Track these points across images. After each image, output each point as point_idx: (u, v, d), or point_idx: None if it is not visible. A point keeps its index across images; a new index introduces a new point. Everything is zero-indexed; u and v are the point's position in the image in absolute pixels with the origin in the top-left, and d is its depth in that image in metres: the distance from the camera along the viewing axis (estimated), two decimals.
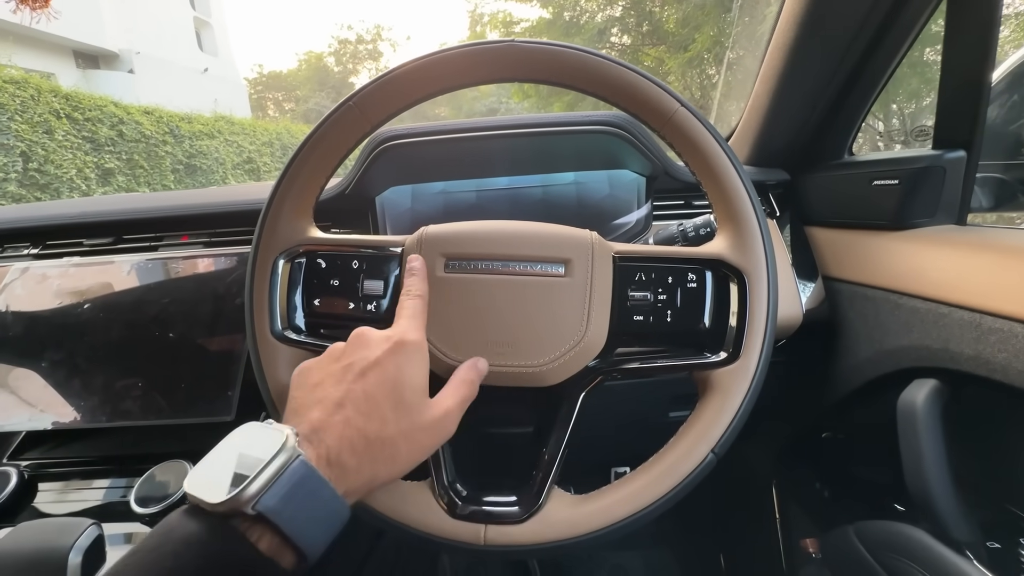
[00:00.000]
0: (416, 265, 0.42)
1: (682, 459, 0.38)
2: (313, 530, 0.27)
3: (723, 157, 0.42)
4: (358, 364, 0.33)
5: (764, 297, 0.40)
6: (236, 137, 9.57)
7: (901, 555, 0.51)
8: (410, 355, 0.34)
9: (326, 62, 30.12)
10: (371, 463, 0.31)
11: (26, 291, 0.68)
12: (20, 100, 5.62)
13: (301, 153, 0.44)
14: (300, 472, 0.27)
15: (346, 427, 0.30)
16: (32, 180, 5.73)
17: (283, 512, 0.26)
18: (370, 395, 0.31)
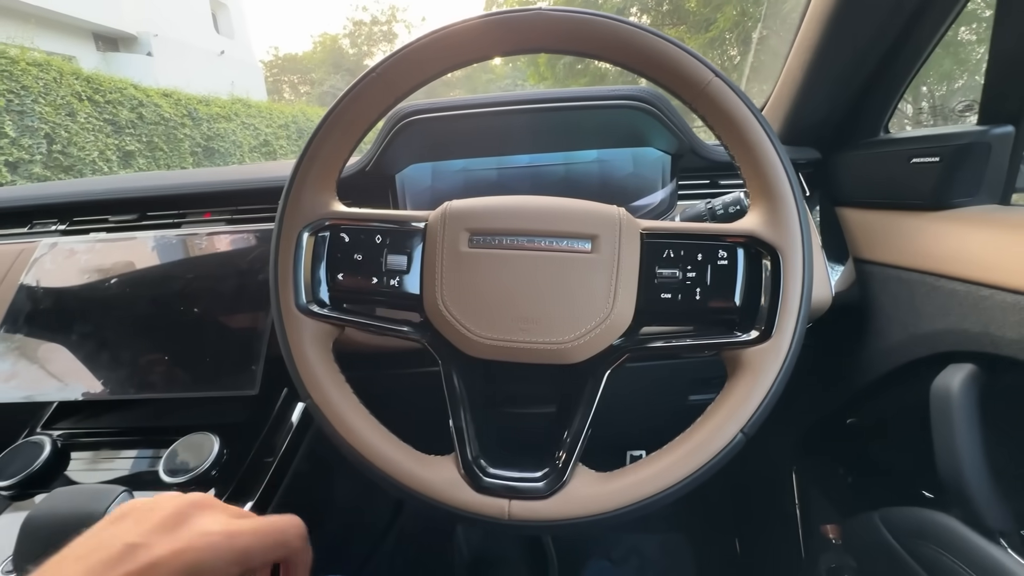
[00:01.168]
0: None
1: (710, 438, 0.38)
2: None
3: (759, 130, 0.40)
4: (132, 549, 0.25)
5: (799, 275, 0.39)
6: (253, 120, 9.62)
7: (931, 542, 0.50)
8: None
9: (341, 44, 29.96)
10: None
11: (55, 266, 0.69)
12: (43, 83, 5.71)
13: (324, 126, 0.43)
14: None
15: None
16: (56, 162, 5.84)
17: None
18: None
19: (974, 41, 3.20)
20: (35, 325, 0.65)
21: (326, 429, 0.41)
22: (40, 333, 0.65)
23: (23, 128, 5.48)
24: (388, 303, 0.45)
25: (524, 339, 0.40)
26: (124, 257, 0.69)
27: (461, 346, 0.42)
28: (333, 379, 0.42)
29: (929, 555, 0.50)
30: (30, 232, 0.78)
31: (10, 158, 5.33)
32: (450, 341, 0.42)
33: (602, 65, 10.75)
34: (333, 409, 0.41)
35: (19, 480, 0.56)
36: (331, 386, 0.42)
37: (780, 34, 1.09)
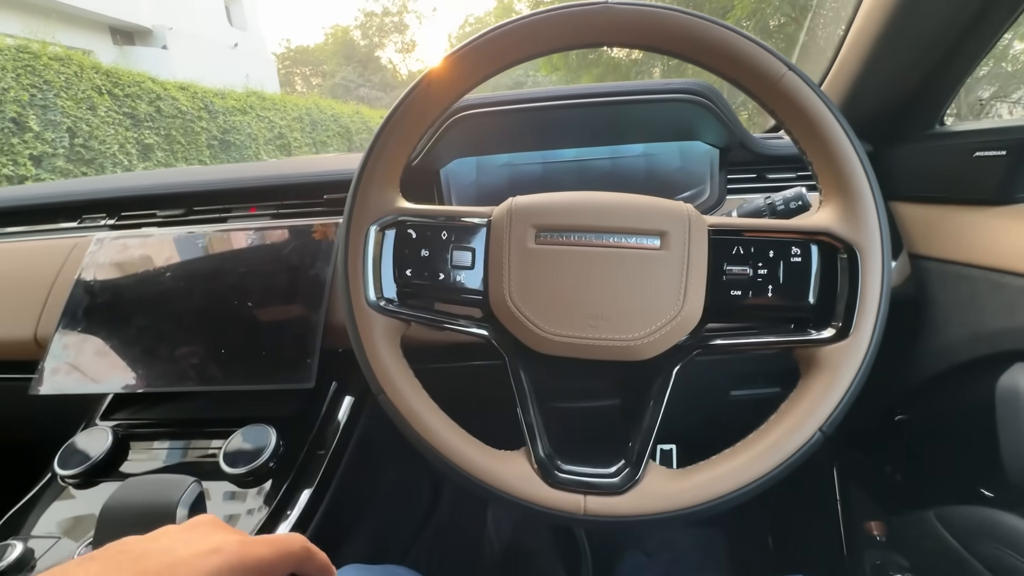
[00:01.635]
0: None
1: (788, 436, 0.38)
2: None
3: (835, 125, 0.40)
4: None
5: (878, 273, 0.38)
6: (267, 112, 9.66)
7: (996, 542, 0.49)
8: None
9: (352, 36, 29.93)
10: None
11: (108, 260, 0.70)
12: (65, 77, 5.79)
13: (391, 122, 0.43)
14: None
15: None
16: (78, 155, 5.93)
17: None
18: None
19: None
20: (93, 319, 0.67)
21: (399, 424, 0.42)
22: (97, 328, 0.66)
23: (46, 122, 5.56)
24: (452, 299, 0.46)
25: (593, 336, 0.40)
26: (176, 251, 0.70)
27: (529, 342, 0.42)
28: (404, 375, 0.43)
29: (991, 554, 0.50)
30: (80, 227, 0.80)
31: (34, 152, 5.42)
32: (518, 337, 0.42)
33: (616, 55, 10.59)
34: (407, 404, 0.41)
35: (83, 470, 0.58)
36: (403, 381, 0.42)
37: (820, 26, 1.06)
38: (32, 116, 5.38)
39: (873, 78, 0.64)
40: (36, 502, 0.58)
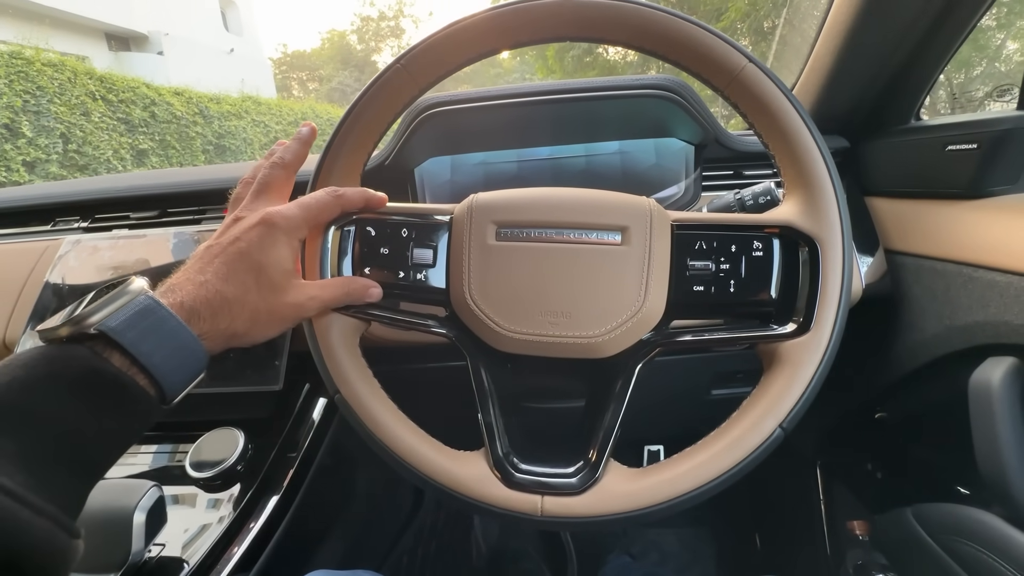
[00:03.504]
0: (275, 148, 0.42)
1: (748, 433, 0.37)
2: (164, 357, 0.28)
3: (795, 116, 0.39)
4: (226, 238, 0.34)
5: (838, 266, 0.38)
6: (263, 117, 9.68)
7: (969, 539, 0.48)
8: (275, 237, 0.35)
9: (349, 40, 30.00)
10: (228, 319, 0.32)
11: (79, 263, 0.69)
12: (58, 83, 5.79)
13: (349, 118, 0.43)
14: (145, 303, 0.28)
15: (202, 287, 0.31)
16: (72, 161, 5.93)
17: (126, 333, 0.27)
18: (231, 266, 0.33)
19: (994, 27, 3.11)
20: None
21: (355, 425, 0.41)
22: None
23: (39, 128, 5.56)
24: (414, 297, 0.45)
25: (554, 333, 0.40)
26: (147, 254, 0.69)
27: (489, 340, 0.41)
28: (361, 375, 0.42)
29: (967, 552, 0.49)
30: (53, 230, 0.79)
31: (27, 157, 5.42)
32: (478, 336, 0.41)
33: (612, 56, 10.64)
34: (362, 405, 0.41)
35: None
36: (359, 382, 0.41)
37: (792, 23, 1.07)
38: (25, 122, 5.38)
39: (846, 73, 0.64)
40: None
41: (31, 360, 0.25)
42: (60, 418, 0.24)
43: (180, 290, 0.31)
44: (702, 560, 1.03)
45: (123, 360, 0.27)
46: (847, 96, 0.66)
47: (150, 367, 0.27)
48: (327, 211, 0.38)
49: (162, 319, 0.28)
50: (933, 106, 1.89)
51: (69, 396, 0.25)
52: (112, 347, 0.26)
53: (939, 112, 1.85)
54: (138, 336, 0.27)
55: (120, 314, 0.27)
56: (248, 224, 0.35)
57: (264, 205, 0.37)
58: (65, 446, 0.24)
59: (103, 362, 0.26)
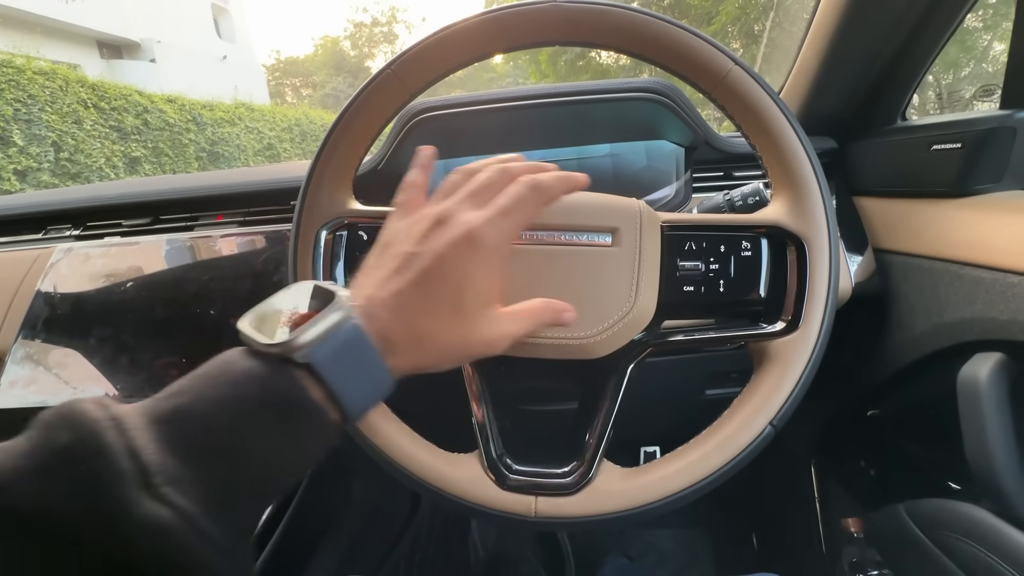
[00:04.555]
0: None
1: (739, 431, 0.37)
2: (358, 393, 0.27)
3: (781, 118, 0.40)
4: (426, 254, 0.30)
5: (826, 264, 0.38)
6: (256, 124, 9.67)
7: (960, 534, 0.49)
8: (481, 259, 0.30)
9: (342, 46, 30.05)
10: (418, 355, 0.30)
11: (71, 271, 0.69)
12: (49, 91, 5.76)
13: (341, 123, 0.43)
14: (352, 335, 0.27)
15: (399, 316, 0.29)
16: (64, 169, 5.90)
17: (332, 369, 0.26)
18: (430, 295, 0.29)
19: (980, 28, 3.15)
20: (53, 331, 0.65)
21: (348, 428, 0.41)
22: (58, 339, 0.65)
23: (31, 136, 5.53)
24: None
25: (545, 334, 0.40)
26: (139, 261, 0.69)
27: None
28: None
29: (959, 547, 0.50)
30: (45, 238, 0.78)
31: (19, 166, 5.38)
32: None
33: (605, 60, 10.69)
34: None
35: None
36: None
37: (783, 26, 1.08)
38: (16, 130, 5.35)
39: (833, 75, 0.65)
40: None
41: (240, 378, 0.24)
42: (261, 447, 0.23)
43: (378, 317, 0.28)
44: (700, 560, 1.03)
45: (321, 394, 0.26)
46: (834, 97, 0.67)
47: (344, 404, 0.26)
48: (530, 212, 0.33)
49: (364, 354, 0.27)
50: (923, 106, 1.91)
51: (274, 427, 0.24)
52: (315, 380, 0.25)
53: (928, 112, 1.87)
54: (341, 373, 0.26)
55: (329, 345, 0.26)
56: (450, 238, 0.30)
57: (472, 208, 0.32)
58: (259, 478, 0.24)
59: (306, 396, 0.25)
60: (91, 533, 0.19)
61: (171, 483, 0.20)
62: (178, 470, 0.21)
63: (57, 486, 0.19)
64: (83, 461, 0.19)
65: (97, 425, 0.20)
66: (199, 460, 0.22)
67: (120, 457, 0.20)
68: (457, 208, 0.31)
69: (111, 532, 0.19)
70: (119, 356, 0.63)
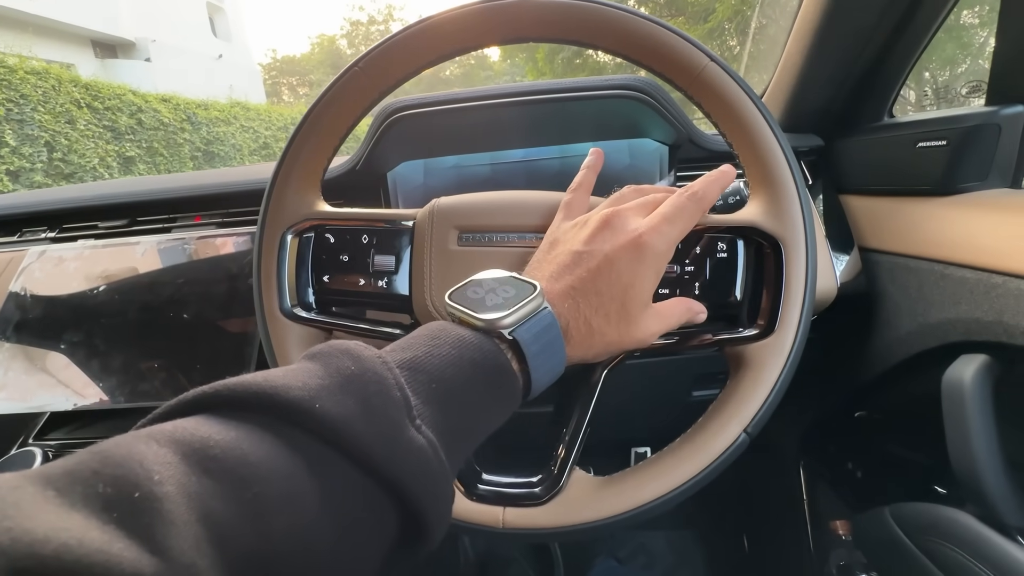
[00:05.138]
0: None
1: (712, 438, 0.36)
2: (543, 371, 0.30)
3: (757, 115, 0.39)
4: (596, 253, 0.32)
5: (802, 267, 0.37)
6: (252, 123, 9.62)
7: (943, 539, 0.48)
8: (647, 264, 0.32)
9: (339, 45, 29.97)
10: (585, 347, 0.32)
11: (44, 274, 0.68)
12: (42, 91, 5.72)
13: (306, 123, 0.42)
14: (548, 320, 0.30)
15: (576, 310, 0.32)
16: (57, 169, 5.86)
17: (531, 346, 0.29)
18: (601, 293, 0.32)
19: (977, 24, 3.14)
20: (25, 334, 0.64)
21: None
22: (30, 343, 0.64)
23: (23, 137, 5.49)
24: (377, 305, 0.44)
25: None
26: (114, 263, 0.68)
27: None
28: None
29: (942, 552, 0.49)
30: (20, 240, 0.77)
31: (11, 167, 5.35)
32: None
33: (601, 58, 10.68)
34: None
35: None
36: None
37: (779, 22, 1.07)
38: (8, 131, 5.31)
39: (817, 72, 0.64)
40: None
41: (456, 340, 0.27)
42: (475, 410, 0.27)
43: (560, 304, 0.31)
44: (690, 562, 1.03)
45: (520, 366, 0.29)
46: (819, 94, 0.66)
47: (534, 379, 0.29)
48: (692, 219, 0.35)
49: (555, 338, 0.30)
50: (919, 103, 1.90)
51: (485, 390, 0.27)
52: (517, 353, 0.29)
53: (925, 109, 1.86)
54: (538, 350, 0.29)
55: (530, 325, 0.29)
56: (622, 242, 0.32)
57: (638, 215, 0.34)
58: (470, 435, 0.27)
59: (510, 366, 0.28)
60: (376, 446, 0.21)
61: (422, 418, 0.24)
62: (425, 409, 0.24)
63: (352, 404, 0.22)
64: (369, 386, 0.23)
65: (373, 361, 0.24)
66: (437, 403, 0.25)
67: (394, 389, 0.23)
68: (625, 212, 0.34)
69: (388, 449, 0.22)
70: (92, 360, 0.62)
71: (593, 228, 0.33)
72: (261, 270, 0.42)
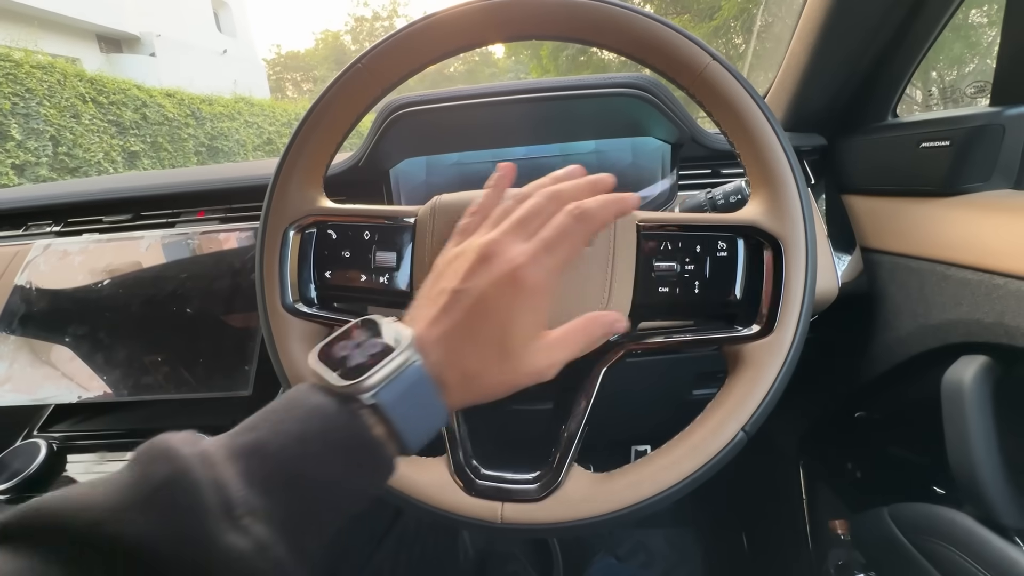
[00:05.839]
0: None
1: (710, 437, 0.36)
2: (416, 430, 0.28)
3: (759, 115, 0.39)
4: (472, 292, 0.29)
5: (802, 266, 0.37)
6: (256, 118, 9.64)
7: (941, 539, 0.48)
8: (525, 298, 0.30)
9: (343, 41, 29.94)
10: (467, 391, 0.30)
11: (49, 267, 0.68)
12: (48, 85, 5.74)
13: (309, 119, 0.42)
14: (416, 376, 0.28)
15: (452, 357, 0.29)
16: (62, 164, 5.89)
17: (396, 409, 0.27)
18: (476, 337, 0.29)
19: (985, 24, 3.12)
20: (30, 328, 0.65)
21: None
22: (35, 336, 0.65)
23: (29, 131, 5.52)
24: (379, 301, 0.44)
25: None
26: (118, 258, 0.68)
27: None
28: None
29: (940, 552, 0.49)
30: (25, 234, 0.78)
31: (16, 161, 5.37)
32: None
33: (606, 56, 10.65)
34: None
35: (16, 483, 0.56)
36: None
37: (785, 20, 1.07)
38: (14, 125, 5.33)
39: (821, 71, 0.63)
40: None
41: (306, 415, 0.26)
42: (326, 479, 0.25)
43: (433, 353, 0.29)
44: (689, 561, 1.03)
45: (383, 432, 0.27)
46: (823, 93, 0.66)
47: (404, 442, 0.28)
48: (578, 244, 0.31)
49: (425, 393, 0.28)
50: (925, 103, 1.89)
51: (341, 463, 0.25)
52: (379, 419, 0.27)
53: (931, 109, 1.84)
54: (405, 411, 0.27)
55: (395, 385, 0.27)
56: (495, 277, 0.29)
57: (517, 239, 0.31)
58: (322, 516, 0.25)
59: (369, 435, 0.26)
60: (181, 562, 0.20)
61: (250, 514, 0.22)
62: (256, 501, 0.22)
63: (155, 518, 0.20)
64: (177, 496, 0.21)
65: (190, 461, 0.22)
66: (273, 492, 0.23)
67: (209, 491, 0.21)
68: (502, 241, 0.31)
69: (198, 561, 0.20)
70: (95, 354, 0.63)
71: (471, 263, 0.30)
72: (264, 265, 0.42)
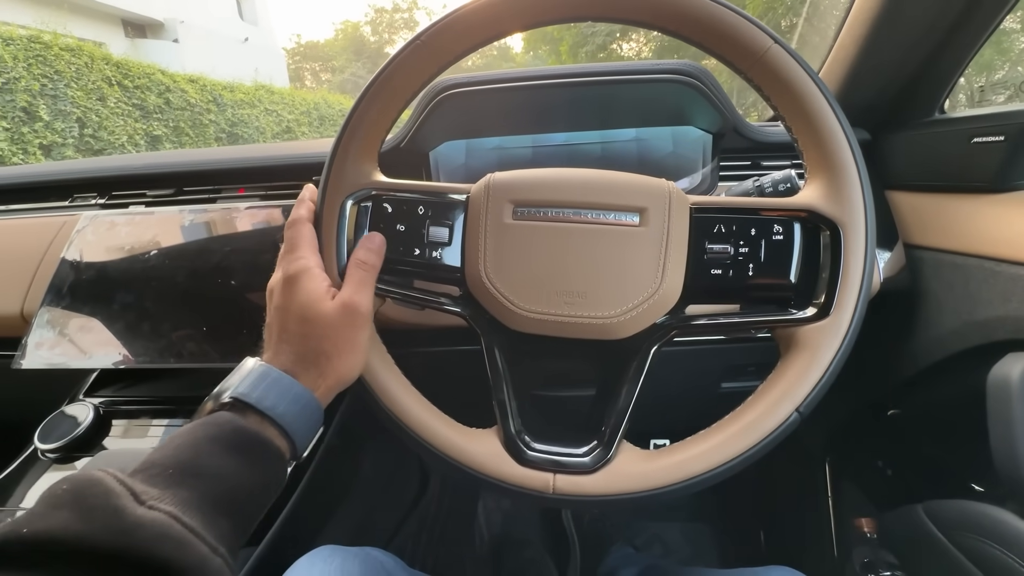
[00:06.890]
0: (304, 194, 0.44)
1: (764, 416, 0.36)
2: (286, 409, 0.34)
3: (821, 99, 0.38)
4: (275, 310, 0.39)
5: (861, 251, 0.37)
6: (276, 107, 9.71)
7: (981, 535, 0.48)
8: (296, 283, 0.38)
9: (362, 31, 30.03)
10: (321, 373, 0.37)
11: (96, 238, 0.70)
12: (75, 67, 5.84)
13: (368, 94, 0.42)
14: (260, 368, 0.35)
15: (286, 355, 0.37)
16: (87, 145, 5.99)
17: (251, 393, 0.33)
18: (286, 330, 0.38)
19: (1018, 29, 3.03)
20: (77, 296, 0.67)
21: (368, 398, 0.41)
22: (82, 304, 0.66)
23: (56, 112, 5.61)
24: (429, 275, 0.45)
25: (569, 313, 0.39)
26: (162, 230, 0.70)
27: (504, 319, 0.41)
28: (377, 350, 0.42)
29: (979, 549, 0.49)
30: (71, 205, 0.80)
31: (44, 141, 5.47)
32: (493, 314, 0.41)
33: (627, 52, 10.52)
34: (376, 378, 0.41)
35: (63, 444, 0.58)
36: (375, 357, 0.42)
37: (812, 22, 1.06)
38: (42, 106, 5.43)
39: (870, 63, 0.63)
40: (16, 475, 0.58)
41: (191, 428, 0.31)
42: (222, 473, 0.29)
43: (276, 360, 0.37)
44: (705, 554, 1.03)
45: (256, 418, 0.33)
46: (871, 87, 0.65)
47: (277, 418, 0.33)
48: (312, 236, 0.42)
49: (277, 378, 0.35)
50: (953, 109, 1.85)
51: (226, 453, 0.30)
52: (247, 408, 0.33)
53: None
54: (262, 394, 0.33)
55: (245, 381, 0.34)
56: (277, 289, 0.40)
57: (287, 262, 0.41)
58: (226, 497, 0.29)
59: (243, 422, 0.32)
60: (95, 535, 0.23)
61: (156, 499, 0.26)
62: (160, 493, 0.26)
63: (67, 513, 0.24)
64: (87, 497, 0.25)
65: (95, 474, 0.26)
66: (176, 485, 0.27)
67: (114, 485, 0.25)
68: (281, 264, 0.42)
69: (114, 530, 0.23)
70: (140, 323, 0.64)
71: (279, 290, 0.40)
72: (323, 236, 0.43)
